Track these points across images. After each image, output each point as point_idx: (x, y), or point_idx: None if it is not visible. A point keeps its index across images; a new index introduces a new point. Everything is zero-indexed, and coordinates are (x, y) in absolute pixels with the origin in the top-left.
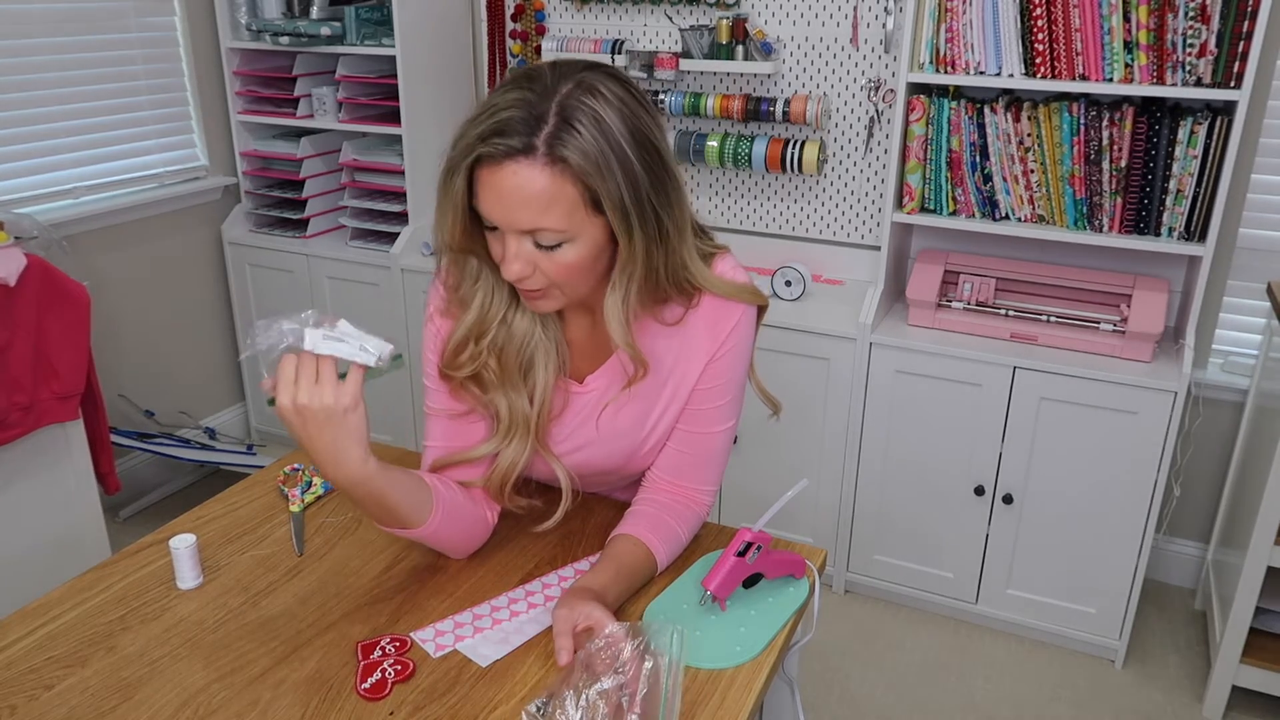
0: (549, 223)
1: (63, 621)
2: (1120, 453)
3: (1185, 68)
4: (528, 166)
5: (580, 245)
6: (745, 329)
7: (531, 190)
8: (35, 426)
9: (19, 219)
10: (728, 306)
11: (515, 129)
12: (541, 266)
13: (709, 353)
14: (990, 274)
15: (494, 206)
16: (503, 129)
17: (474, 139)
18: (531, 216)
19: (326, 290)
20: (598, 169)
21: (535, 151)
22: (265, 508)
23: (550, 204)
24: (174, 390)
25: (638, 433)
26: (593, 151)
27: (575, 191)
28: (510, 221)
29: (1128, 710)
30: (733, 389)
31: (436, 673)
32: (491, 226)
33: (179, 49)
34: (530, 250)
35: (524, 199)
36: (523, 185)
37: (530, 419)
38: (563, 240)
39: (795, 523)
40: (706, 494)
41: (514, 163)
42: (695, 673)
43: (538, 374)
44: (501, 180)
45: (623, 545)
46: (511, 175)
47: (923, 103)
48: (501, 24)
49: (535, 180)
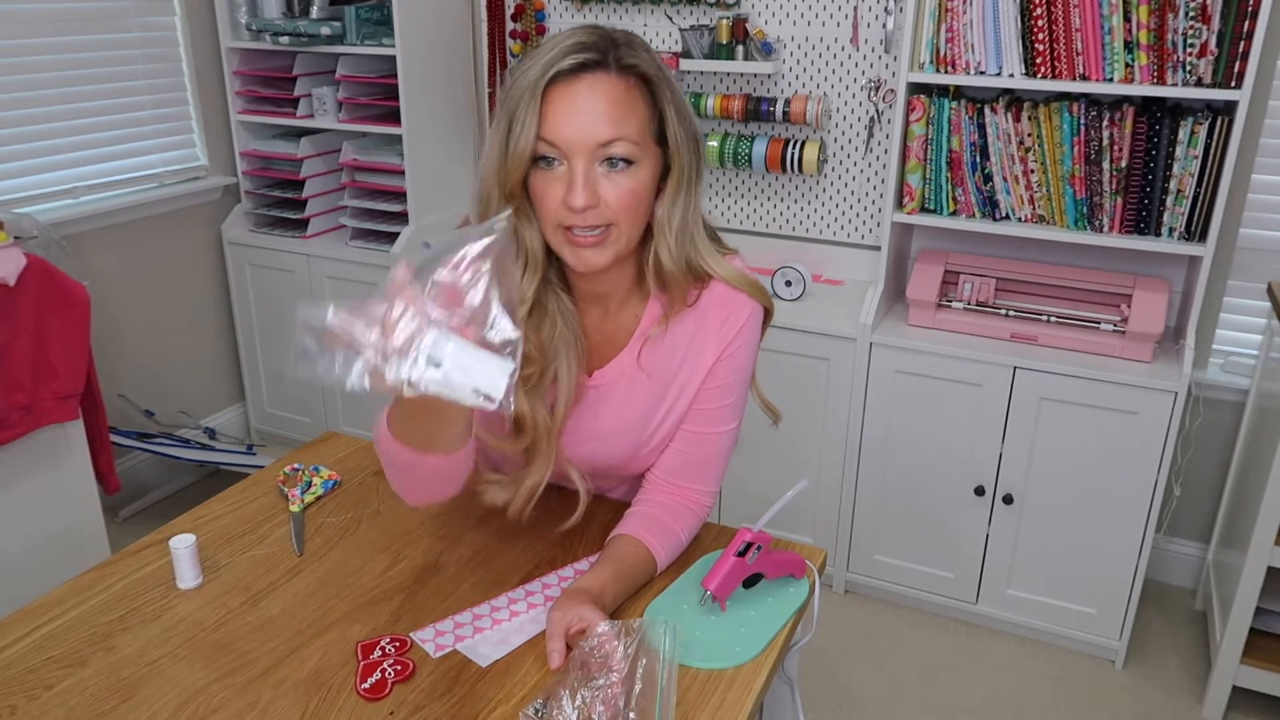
0: (626, 131)
1: (62, 621)
2: (1120, 453)
3: (1186, 68)
4: (605, 78)
5: (642, 171)
6: (753, 329)
7: (610, 98)
8: (35, 426)
9: (19, 219)
10: (738, 302)
11: (587, 47)
12: (606, 197)
13: (718, 350)
14: (990, 274)
15: (569, 122)
16: (574, 49)
17: (545, 63)
18: (609, 127)
19: (326, 290)
20: (663, 90)
21: (610, 65)
22: (265, 508)
23: (627, 113)
24: (174, 390)
25: (644, 428)
26: (659, 76)
27: (645, 110)
28: (586, 135)
29: (1128, 710)
30: (738, 389)
31: (436, 673)
32: (550, 158)
33: (179, 49)
34: (596, 177)
35: (603, 108)
36: (602, 94)
37: (551, 430)
38: (632, 158)
39: (795, 523)
40: (707, 495)
41: (590, 75)
42: (695, 673)
43: (562, 370)
44: (578, 93)
45: (622, 546)
46: (590, 86)
47: (923, 103)
48: (501, 24)
49: (613, 89)
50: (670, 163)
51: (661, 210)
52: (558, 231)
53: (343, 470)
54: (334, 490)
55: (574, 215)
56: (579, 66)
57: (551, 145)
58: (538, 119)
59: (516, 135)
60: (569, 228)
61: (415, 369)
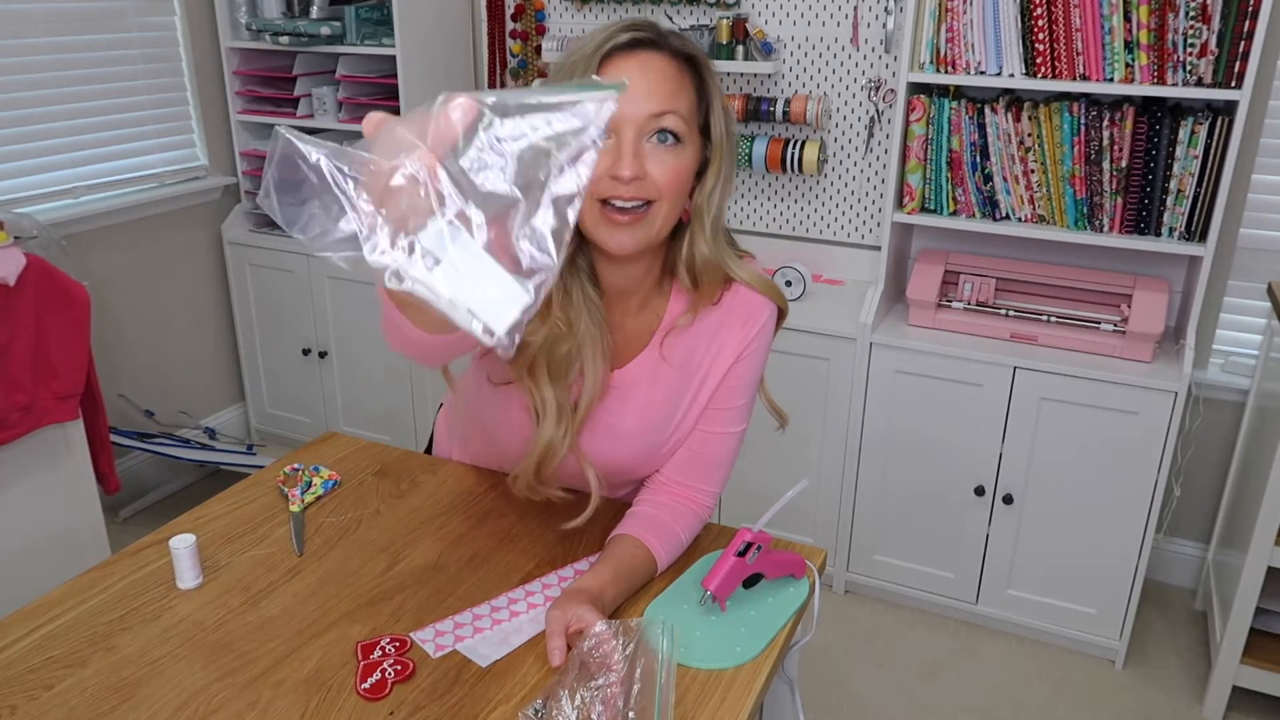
0: (677, 106)
1: (62, 621)
2: (1120, 453)
3: (1186, 68)
4: (658, 56)
5: (687, 153)
6: (769, 331)
7: (665, 74)
8: (35, 426)
9: (19, 219)
10: (758, 304)
11: (642, 28)
12: (651, 172)
13: (738, 351)
14: (990, 274)
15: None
16: (629, 28)
17: (601, 40)
18: (662, 99)
19: (326, 290)
20: (712, 81)
21: (664, 47)
22: (265, 508)
23: (678, 91)
24: (174, 390)
25: (664, 429)
26: (709, 67)
27: (693, 95)
28: (637, 106)
29: (1128, 710)
30: (751, 391)
31: (436, 673)
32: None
33: (179, 49)
34: (644, 151)
35: (657, 80)
36: (656, 69)
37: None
38: (680, 135)
39: (795, 523)
40: (710, 496)
41: (645, 51)
42: (695, 673)
43: (587, 366)
44: (632, 67)
45: (623, 546)
46: (645, 60)
47: (923, 103)
48: (501, 24)
49: (667, 67)
50: (710, 155)
51: (700, 198)
52: (595, 207)
53: (343, 470)
54: (334, 490)
55: (618, 185)
56: (634, 43)
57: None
58: None
59: None
60: (608, 202)
61: (403, 258)
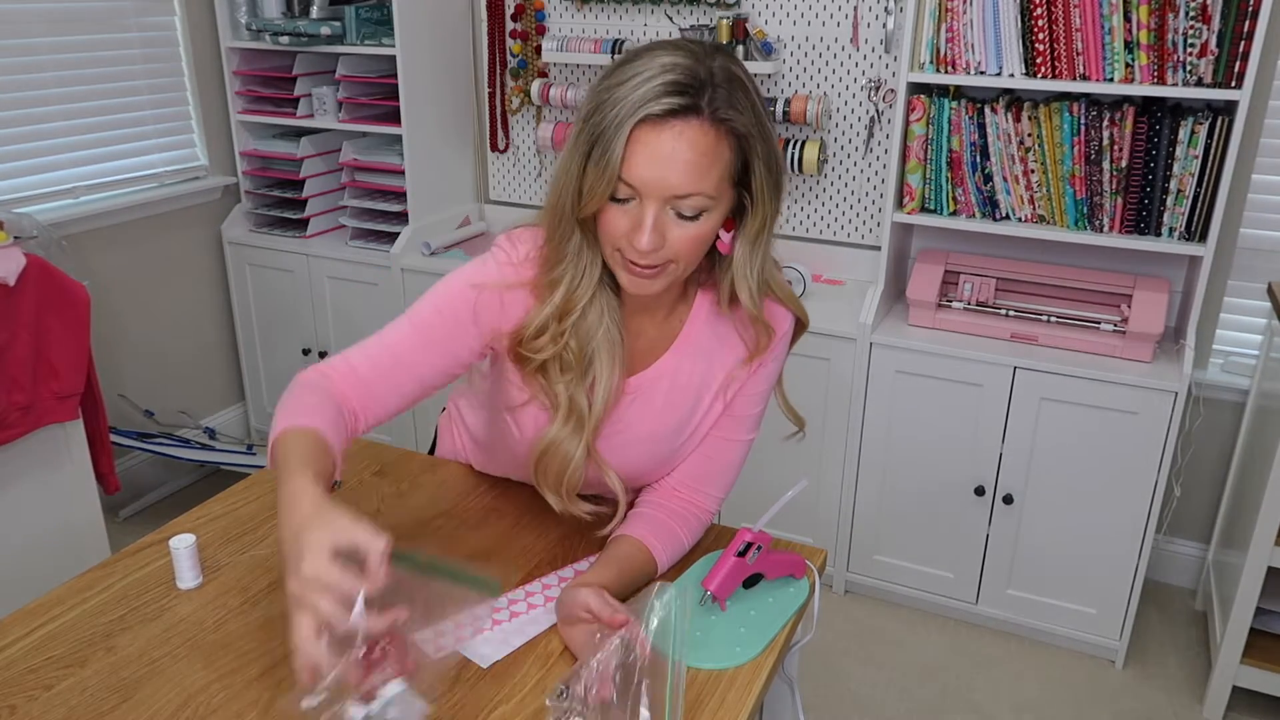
0: (704, 187)
1: (62, 621)
2: (1120, 453)
3: (1186, 68)
4: (695, 126)
5: (713, 218)
6: (787, 341)
7: (698, 149)
8: (35, 426)
9: (19, 219)
10: (780, 315)
11: (681, 88)
12: (671, 238)
13: (760, 358)
14: (990, 274)
15: (649, 168)
16: (669, 89)
17: (637, 100)
18: (689, 180)
19: (326, 290)
20: (754, 146)
21: (702, 112)
22: (265, 508)
23: (711, 165)
24: (174, 390)
25: (680, 433)
26: (750, 119)
27: (729, 158)
28: (664, 186)
29: (1128, 710)
30: (765, 400)
31: None
32: (623, 199)
33: (179, 49)
34: (665, 221)
35: (688, 160)
36: (689, 143)
37: (586, 414)
38: (704, 210)
39: (795, 523)
40: (714, 501)
41: (681, 121)
42: (695, 673)
43: (600, 371)
44: (663, 141)
45: (622, 546)
46: (676, 135)
47: (923, 103)
48: (501, 24)
49: (700, 140)
50: (749, 206)
51: (741, 250)
52: (616, 255)
53: (343, 470)
54: (334, 490)
55: (635, 253)
56: (670, 112)
57: (629, 186)
58: (620, 159)
59: (600, 168)
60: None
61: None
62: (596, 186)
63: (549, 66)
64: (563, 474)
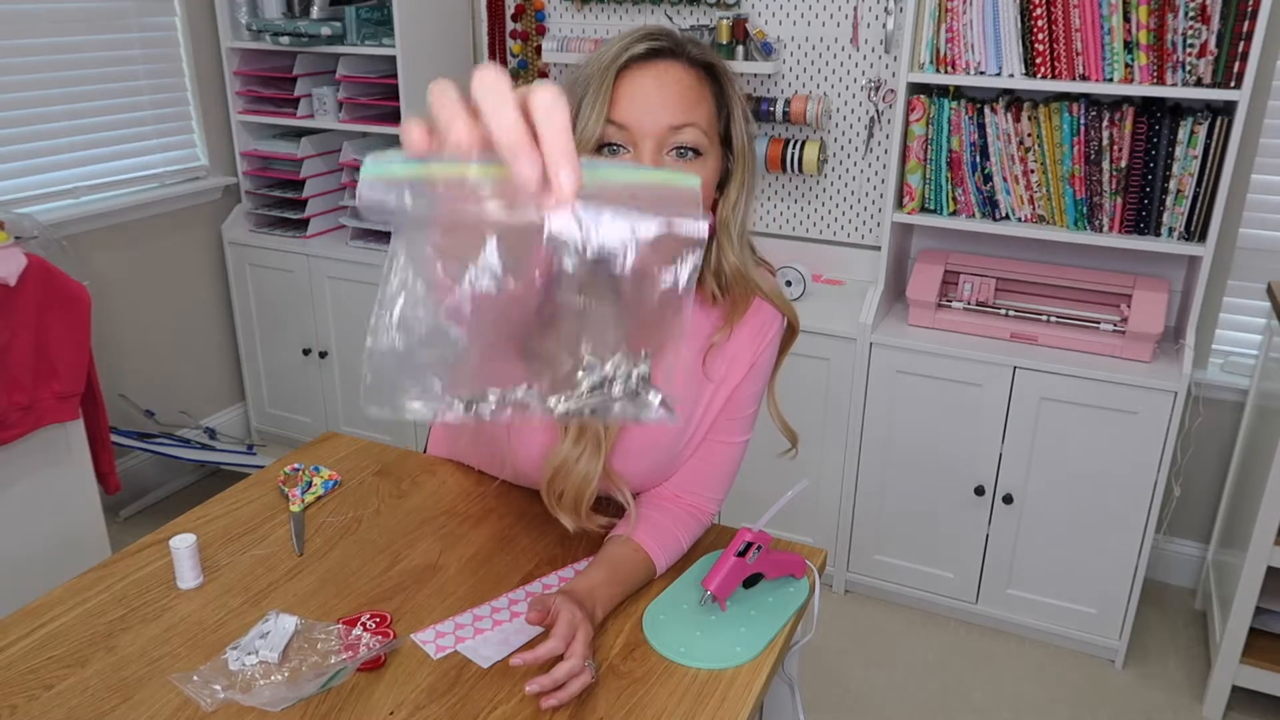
0: (697, 118)
1: (63, 621)
2: (1120, 453)
3: (1185, 68)
4: (677, 66)
5: (708, 165)
6: (777, 343)
7: (683, 84)
8: (35, 426)
9: (19, 219)
10: (769, 315)
11: (659, 37)
12: None
13: (750, 361)
14: (990, 274)
15: (640, 105)
16: (646, 39)
17: (618, 50)
18: (682, 111)
19: (326, 290)
20: (731, 89)
21: (681, 56)
22: (265, 508)
23: (698, 102)
24: (174, 390)
25: (680, 439)
26: (727, 74)
27: (713, 104)
28: (657, 118)
29: (1128, 710)
30: (758, 402)
31: (436, 673)
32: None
33: (179, 49)
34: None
35: (676, 92)
36: (675, 79)
37: (601, 434)
38: (700, 148)
39: (795, 523)
40: (713, 504)
41: (664, 61)
42: (695, 673)
43: None
44: (650, 77)
45: (618, 548)
46: (663, 70)
47: (923, 103)
48: (501, 24)
49: (686, 76)
50: (732, 165)
51: (725, 210)
52: None
53: (343, 470)
54: (334, 490)
55: None
56: (652, 53)
57: (621, 128)
58: (608, 103)
59: (586, 118)
60: None
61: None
62: (588, 135)
63: (549, 66)
64: (580, 495)
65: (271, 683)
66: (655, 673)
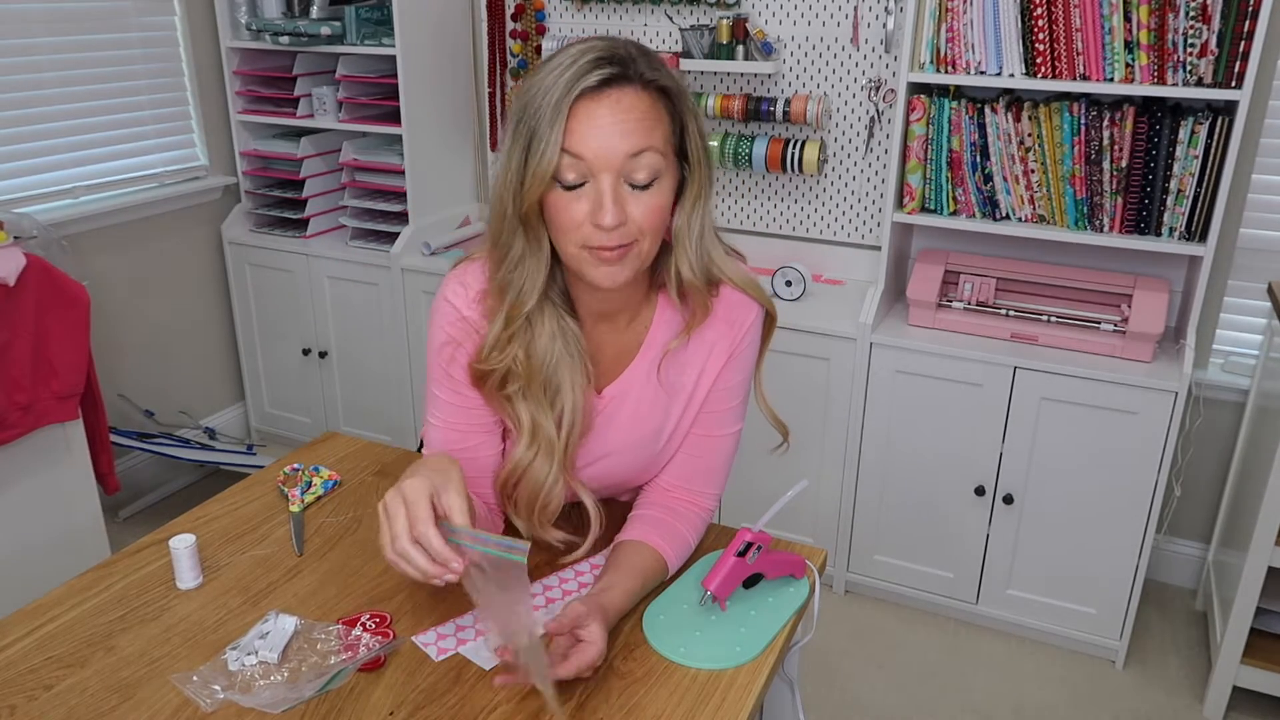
0: (654, 141)
1: (62, 621)
2: (1120, 453)
3: (1186, 68)
4: (630, 91)
5: (665, 186)
6: (758, 332)
7: (638, 111)
8: (35, 426)
9: (19, 219)
10: (745, 304)
11: (609, 61)
12: (632, 214)
13: (727, 353)
14: (990, 274)
15: (596, 135)
16: (597, 64)
17: (569, 79)
18: (638, 139)
19: (326, 290)
20: (684, 103)
21: (633, 79)
22: (265, 508)
23: (654, 125)
24: (174, 390)
25: (657, 440)
26: (679, 89)
27: (668, 123)
28: (615, 149)
29: (1128, 710)
30: (742, 392)
31: (437, 673)
32: (574, 184)
33: (179, 49)
34: (623, 195)
35: (631, 121)
36: (629, 107)
37: (555, 443)
38: (657, 175)
39: (795, 523)
40: (711, 499)
41: (616, 89)
42: (695, 673)
43: (564, 392)
44: (603, 109)
45: (630, 550)
46: (615, 101)
47: (923, 102)
48: (501, 24)
49: (639, 103)
50: (688, 175)
51: (680, 221)
52: (581, 252)
53: (343, 470)
54: (334, 490)
55: (601, 234)
56: (604, 81)
57: (577, 159)
58: (563, 134)
59: (540, 151)
60: (593, 246)
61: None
62: (544, 168)
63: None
64: (534, 500)
65: (271, 683)
66: (655, 673)
